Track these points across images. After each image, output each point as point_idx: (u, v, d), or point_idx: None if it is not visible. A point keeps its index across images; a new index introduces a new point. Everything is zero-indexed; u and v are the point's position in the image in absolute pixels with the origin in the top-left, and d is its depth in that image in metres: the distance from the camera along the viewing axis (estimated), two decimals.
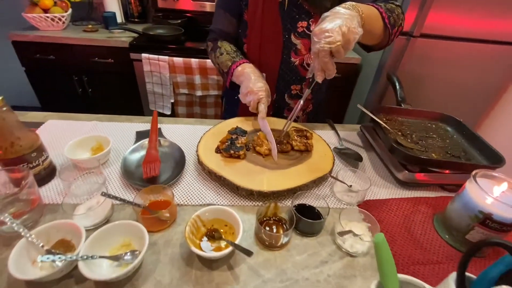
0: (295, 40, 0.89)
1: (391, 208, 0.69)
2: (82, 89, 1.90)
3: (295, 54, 0.91)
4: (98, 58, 1.77)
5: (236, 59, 0.87)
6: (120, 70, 1.81)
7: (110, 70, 1.82)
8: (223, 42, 0.94)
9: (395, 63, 1.70)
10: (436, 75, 1.69)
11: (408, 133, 0.86)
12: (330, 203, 0.69)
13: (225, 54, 0.90)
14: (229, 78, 0.88)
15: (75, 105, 1.96)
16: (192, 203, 0.65)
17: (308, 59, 0.92)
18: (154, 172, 0.67)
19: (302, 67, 0.93)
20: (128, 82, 1.86)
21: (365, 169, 0.82)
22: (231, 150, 0.71)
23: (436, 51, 1.60)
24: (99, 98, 1.95)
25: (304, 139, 0.80)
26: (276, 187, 0.65)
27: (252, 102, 0.82)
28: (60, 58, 1.77)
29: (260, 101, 0.81)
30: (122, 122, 0.92)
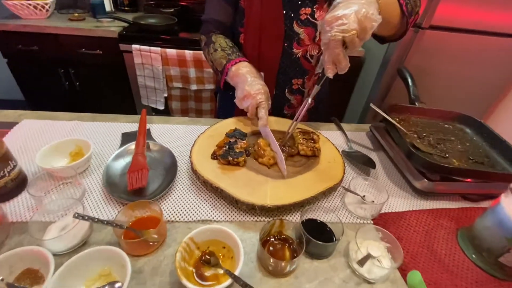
0: (297, 29, 0.79)
1: (410, 222, 0.61)
2: (69, 82, 1.78)
3: (298, 44, 0.81)
4: (86, 49, 1.65)
5: (231, 57, 0.77)
6: (109, 62, 1.69)
7: (99, 62, 1.70)
8: (218, 36, 0.84)
9: (401, 56, 1.61)
10: (444, 69, 1.60)
11: (424, 136, 0.78)
12: (342, 217, 0.61)
13: (219, 51, 0.80)
14: (223, 79, 0.79)
15: (62, 99, 1.85)
16: (184, 219, 0.57)
17: (312, 50, 0.82)
18: (140, 183, 0.58)
19: (305, 59, 0.84)
20: (119, 75, 1.74)
21: (378, 176, 0.74)
22: (229, 156, 0.63)
23: (445, 44, 1.51)
24: (87, 92, 1.84)
25: (311, 142, 0.71)
26: (281, 200, 0.57)
27: (251, 108, 0.72)
28: (44, 49, 1.65)
29: (259, 105, 0.71)
30: (107, 121, 0.82)
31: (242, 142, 0.67)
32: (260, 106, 0.71)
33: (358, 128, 0.95)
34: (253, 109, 0.72)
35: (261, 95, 0.71)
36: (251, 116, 0.74)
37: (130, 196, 0.58)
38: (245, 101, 0.72)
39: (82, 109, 1.96)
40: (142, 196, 0.59)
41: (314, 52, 0.83)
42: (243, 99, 0.72)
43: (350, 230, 0.59)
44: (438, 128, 0.83)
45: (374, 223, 0.61)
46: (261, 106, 0.71)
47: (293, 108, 0.94)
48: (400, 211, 0.64)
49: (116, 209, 0.57)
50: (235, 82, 0.75)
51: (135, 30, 1.65)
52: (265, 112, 0.71)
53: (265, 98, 0.71)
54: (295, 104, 0.92)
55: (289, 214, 0.60)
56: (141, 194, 0.59)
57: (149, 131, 0.78)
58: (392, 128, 0.77)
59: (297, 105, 0.93)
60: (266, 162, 0.65)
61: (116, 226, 0.48)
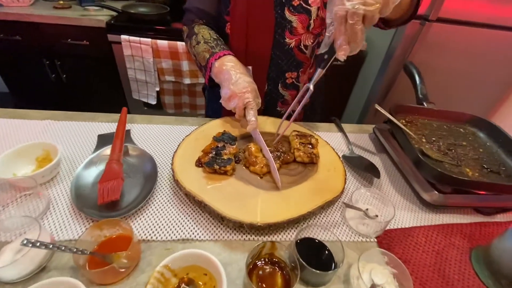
0: (289, 16, 0.70)
1: (419, 241, 0.54)
2: (56, 75, 1.69)
3: (290, 33, 0.73)
4: (71, 40, 1.55)
5: (215, 50, 0.69)
6: (97, 53, 1.60)
7: (86, 54, 1.61)
8: (201, 27, 0.75)
9: (405, 51, 1.52)
10: (450, 65, 1.52)
11: (433, 140, 0.71)
12: (342, 234, 0.55)
13: (202, 44, 0.71)
14: (207, 75, 0.71)
15: (49, 92, 1.76)
16: (162, 237, 0.50)
17: (306, 39, 0.74)
18: (113, 196, 0.51)
19: (298, 49, 0.75)
20: (108, 67, 1.65)
21: (381, 185, 0.67)
22: (216, 164, 0.55)
23: (453, 38, 1.43)
24: (75, 85, 1.74)
25: (309, 147, 0.64)
26: (274, 217, 0.50)
27: (237, 109, 0.64)
28: (28, 38, 1.55)
29: (246, 106, 0.63)
30: (83, 121, 0.74)
31: (231, 147, 0.60)
32: (248, 107, 0.63)
33: (361, 130, 0.88)
34: (241, 111, 0.64)
35: (248, 94, 0.63)
36: (239, 118, 0.66)
37: (101, 211, 0.51)
38: (231, 102, 0.64)
39: (69, 103, 1.89)
40: (115, 211, 0.51)
41: (308, 42, 0.75)
42: (229, 100, 0.64)
43: (351, 250, 0.52)
44: (448, 131, 0.76)
45: (378, 242, 0.54)
46: (249, 106, 0.63)
47: (287, 105, 0.86)
48: (406, 227, 0.58)
49: (86, 227, 0.50)
50: (219, 80, 0.67)
51: (124, 19, 1.55)
52: (254, 113, 0.63)
53: (253, 97, 0.63)
54: (289, 100, 0.85)
55: (282, 232, 0.53)
56: (114, 208, 0.52)
57: (129, 132, 0.70)
58: (399, 131, 0.69)
59: (291, 101, 0.85)
60: (259, 171, 0.58)
61: (77, 252, 0.41)
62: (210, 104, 0.93)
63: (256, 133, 0.63)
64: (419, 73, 0.86)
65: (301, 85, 0.83)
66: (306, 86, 0.56)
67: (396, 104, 0.75)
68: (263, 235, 0.52)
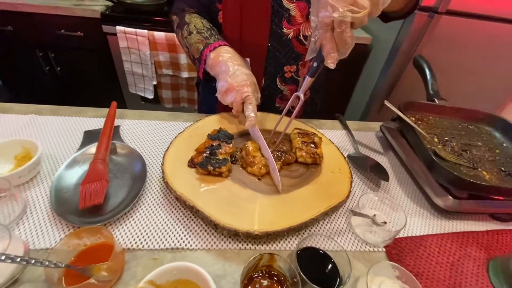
0: (287, 3, 0.65)
1: (432, 251, 0.50)
2: (50, 67, 1.63)
3: (288, 23, 0.67)
4: (65, 31, 1.49)
5: (209, 41, 0.63)
6: (92, 45, 1.54)
7: (81, 46, 1.55)
8: (192, 16, 0.69)
9: (412, 45, 1.46)
10: (460, 60, 1.45)
11: (446, 140, 0.66)
12: (348, 243, 0.50)
13: (194, 34, 0.65)
14: (201, 67, 0.65)
15: (43, 85, 1.71)
16: (150, 245, 0.45)
17: (306, 29, 0.68)
18: (96, 199, 0.46)
19: (297, 40, 0.70)
20: (103, 60, 1.60)
21: (390, 188, 0.62)
22: (210, 165, 0.50)
23: (464, 31, 1.36)
24: (70, 78, 1.69)
25: (312, 146, 0.59)
26: (273, 224, 0.45)
27: (235, 104, 0.59)
28: (20, 29, 1.49)
29: (245, 100, 0.58)
30: (70, 116, 0.69)
31: (227, 146, 0.55)
32: (246, 102, 0.58)
33: (366, 127, 0.83)
34: (239, 106, 0.59)
35: (247, 87, 0.58)
36: (236, 113, 0.61)
37: (82, 217, 0.46)
38: (228, 96, 0.59)
39: (64, 97, 1.84)
40: (98, 216, 0.47)
41: (308, 32, 0.69)
42: (226, 93, 0.59)
43: (357, 261, 0.48)
44: (461, 130, 0.71)
45: (387, 252, 0.49)
46: (248, 101, 0.58)
47: (286, 100, 0.81)
48: (417, 234, 0.53)
49: (66, 234, 0.45)
50: (215, 72, 0.62)
51: (120, 9, 1.49)
52: (253, 108, 0.58)
53: (252, 91, 0.58)
54: (288, 95, 0.79)
55: (281, 240, 0.48)
56: (97, 213, 0.47)
57: (117, 129, 0.65)
58: (409, 130, 0.64)
59: (290, 96, 0.80)
60: (257, 172, 0.53)
61: (49, 265, 0.36)
62: (205, 100, 0.88)
63: (255, 130, 0.58)
64: (430, 67, 0.80)
65: (301, 80, 0.77)
66: (295, 95, 0.52)
67: (406, 101, 0.69)
68: (260, 243, 0.47)
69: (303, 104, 0.86)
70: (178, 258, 0.44)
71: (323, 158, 0.58)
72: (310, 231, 0.51)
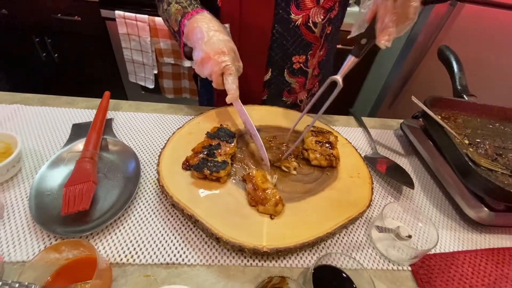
0: None
1: (465, 272, 0.43)
2: (47, 54, 1.56)
3: (297, 8, 0.59)
4: (62, 15, 1.41)
5: (187, 10, 0.55)
6: (91, 31, 1.47)
7: (78, 31, 1.47)
8: None
9: (430, 36, 1.37)
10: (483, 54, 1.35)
11: (478, 142, 0.58)
12: (367, 259, 0.44)
13: (173, 4, 0.57)
14: (181, 42, 0.57)
15: (40, 72, 1.64)
16: (141, 260, 0.39)
17: (316, 15, 0.60)
18: (81, 204, 0.40)
19: (306, 27, 0.62)
20: (102, 46, 1.52)
21: (413, 195, 0.56)
22: (206, 168, 0.44)
23: (487, 22, 1.26)
24: (68, 65, 1.62)
25: (327, 147, 0.52)
26: (284, 239, 0.39)
27: (214, 76, 0.51)
28: (15, 13, 1.42)
29: (224, 71, 0.50)
30: (59, 106, 0.63)
31: (228, 146, 0.48)
32: (225, 72, 0.50)
33: (383, 125, 0.75)
34: (218, 77, 0.51)
35: (224, 56, 0.49)
36: (217, 87, 0.52)
37: (65, 225, 0.40)
38: (204, 67, 0.51)
39: (63, 85, 1.77)
40: (83, 224, 0.41)
41: (318, 19, 0.61)
42: (202, 64, 0.51)
43: (379, 281, 0.42)
44: (493, 131, 0.63)
45: (413, 271, 0.43)
46: (227, 71, 0.50)
47: (294, 94, 0.73)
48: (446, 251, 0.46)
49: (47, 244, 0.39)
50: (192, 42, 0.53)
51: None
52: (233, 79, 0.50)
53: (231, 60, 0.50)
54: (296, 88, 0.72)
55: (293, 256, 0.42)
56: (83, 221, 0.41)
57: (110, 122, 0.59)
58: (437, 130, 0.57)
59: (299, 89, 0.72)
60: (272, 211, 0.41)
61: (20, 287, 0.30)
62: (203, 91, 0.80)
63: (238, 105, 0.51)
64: (458, 59, 0.72)
65: (310, 71, 0.70)
66: (331, 79, 0.42)
67: (433, 96, 0.62)
68: (269, 260, 0.41)
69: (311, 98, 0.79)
70: (174, 275, 0.38)
71: (339, 160, 0.52)
72: (325, 247, 0.44)
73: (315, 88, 0.78)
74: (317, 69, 0.72)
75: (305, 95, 0.76)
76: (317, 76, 0.74)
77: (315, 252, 0.43)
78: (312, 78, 0.73)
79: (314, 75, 0.73)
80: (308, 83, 0.72)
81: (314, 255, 0.43)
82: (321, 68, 0.73)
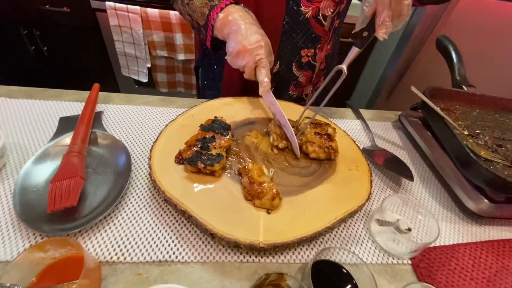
0: None
1: (465, 265, 0.42)
2: (36, 47, 1.52)
3: (307, 0, 0.58)
4: (50, 6, 1.36)
5: (215, 2, 0.54)
6: (81, 23, 1.42)
7: (68, 23, 1.43)
8: None
9: (428, 28, 1.35)
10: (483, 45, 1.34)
11: (478, 133, 0.57)
12: (366, 254, 0.43)
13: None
14: (208, 34, 0.56)
15: (28, 66, 1.59)
16: (133, 257, 0.37)
17: (326, 8, 0.59)
18: (68, 201, 0.38)
19: (316, 20, 0.60)
20: (93, 40, 1.48)
21: (411, 188, 0.55)
22: (200, 161, 0.42)
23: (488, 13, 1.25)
24: (58, 58, 1.57)
25: (326, 139, 0.50)
26: (281, 234, 0.37)
27: (247, 67, 0.51)
28: (1, 4, 1.37)
29: (258, 64, 0.51)
30: (46, 99, 0.60)
31: (223, 138, 0.46)
32: (259, 65, 0.51)
33: (382, 117, 0.74)
34: (251, 70, 0.51)
35: (260, 49, 0.50)
36: (248, 78, 0.53)
37: (52, 222, 0.38)
38: (239, 59, 0.51)
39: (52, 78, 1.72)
40: (71, 221, 0.39)
41: (328, 12, 0.60)
42: (237, 56, 0.51)
43: (380, 276, 0.41)
44: (492, 122, 0.63)
45: (413, 264, 0.42)
46: (261, 64, 0.50)
47: (301, 88, 0.72)
48: (447, 243, 0.46)
49: (32, 243, 0.37)
50: (224, 34, 0.53)
51: None
52: (266, 72, 0.50)
53: (266, 54, 0.51)
54: (303, 82, 0.70)
55: (290, 251, 0.41)
56: (70, 218, 0.39)
57: (99, 115, 0.56)
58: (437, 121, 0.56)
59: (305, 83, 0.71)
60: (268, 205, 0.40)
61: None
62: (207, 85, 0.78)
63: (270, 96, 0.52)
64: (456, 49, 0.71)
65: (318, 65, 0.69)
66: (337, 68, 0.44)
67: (432, 87, 0.61)
68: (266, 255, 0.40)
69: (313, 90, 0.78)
70: (167, 273, 0.37)
71: (338, 152, 0.50)
72: (323, 239, 0.43)
73: (320, 82, 0.77)
74: (324, 63, 0.71)
75: (310, 89, 0.75)
76: (323, 70, 0.73)
77: (313, 247, 0.42)
78: (319, 72, 0.72)
79: (321, 69, 0.72)
80: (314, 77, 0.71)
81: (312, 250, 0.42)
82: (327, 63, 0.72)
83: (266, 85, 0.50)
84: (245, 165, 0.43)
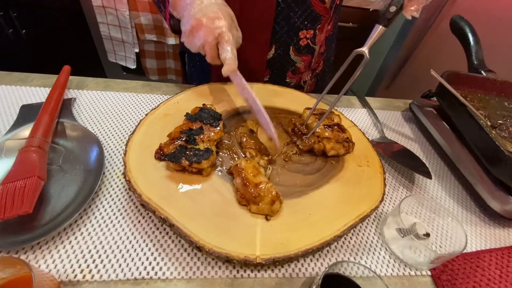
0: None
1: (492, 275, 0.37)
2: (13, 30, 1.40)
3: None
4: None
5: None
6: (61, 4, 1.31)
7: (47, 4, 1.32)
8: None
9: (432, 13, 1.28)
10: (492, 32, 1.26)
11: (500, 124, 0.51)
12: (380, 263, 0.37)
13: None
14: (167, 12, 0.47)
15: (6, 50, 1.48)
16: (101, 275, 0.31)
17: None
18: (21, 207, 0.31)
19: None
20: (76, 22, 1.37)
21: (426, 186, 0.48)
22: (185, 158, 0.35)
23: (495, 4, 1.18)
24: (38, 42, 1.47)
25: (338, 131, 0.44)
26: (282, 246, 0.31)
27: (207, 46, 0.42)
28: None
29: (220, 38, 0.41)
30: (10, 84, 0.52)
31: (212, 130, 0.39)
32: (221, 41, 0.41)
33: (390, 106, 0.68)
34: (212, 48, 0.42)
35: (220, 20, 0.41)
36: (211, 60, 0.44)
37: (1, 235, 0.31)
38: (196, 37, 0.42)
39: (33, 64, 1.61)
40: (26, 232, 0.32)
41: None
42: (192, 34, 0.42)
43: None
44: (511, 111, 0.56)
45: (433, 276, 0.36)
46: (223, 39, 0.41)
47: (299, 74, 0.65)
48: (470, 251, 0.40)
49: None
50: (179, 10, 0.44)
51: None
52: (231, 48, 0.41)
53: (227, 26, 0.41)
54: (301, 68, 0.63)
55: (292, 264, 0.35)
56: (25, 228, 0.32)
57: (69, 102, 0.48)
58: (458, 111, 0.49)
59: (304, 69, 0.64)
60: (267, 210, 0.33)
61: None
62: (194, 72, 0.70)
63: (238, 78, 0.43)
64: (473, 30, 0.64)
65: (317, 48, 0.61)
66: (355, 52, 0.37)
67: (450, 71, 0.54)
68: (263, 269, 0.34)
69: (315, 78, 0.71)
70: None
71: (355, 144, 0.43)
72: (330, 248, 0.37)
73: (319, 69, 0.69)
74: (324, 46, 0.64)
75: (309, 75, 0.68)
76: (322, 54, 0.66)
77: (319, 258, 0.36)
78: (318, 56, 0.64)
79: (320, 52, 0.64)
80: (313, 61, 0.64)
81: (317, 261, 0.36)
82: (327, 45, 0.65)
83: (232, 62, 0.41)
84: (237, 162, 0.36)
